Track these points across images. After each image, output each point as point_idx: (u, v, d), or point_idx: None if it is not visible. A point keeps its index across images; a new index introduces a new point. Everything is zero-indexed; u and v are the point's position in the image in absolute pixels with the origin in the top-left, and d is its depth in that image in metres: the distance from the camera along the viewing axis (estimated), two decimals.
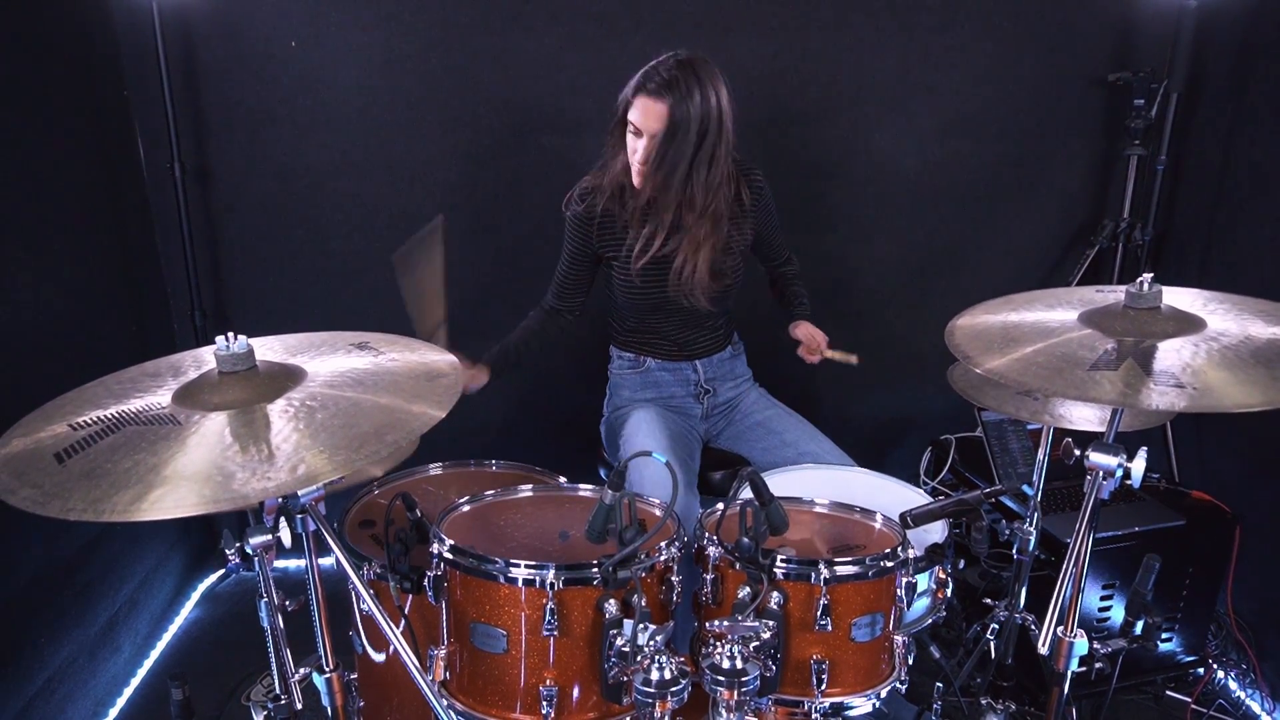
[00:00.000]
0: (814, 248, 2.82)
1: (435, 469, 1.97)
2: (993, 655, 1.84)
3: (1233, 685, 2.39)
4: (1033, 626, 1.75)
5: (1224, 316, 1.33)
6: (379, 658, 1.61)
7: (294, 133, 2.55)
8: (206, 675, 2.38)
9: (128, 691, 2.38)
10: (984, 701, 1.85)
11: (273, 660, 1.31)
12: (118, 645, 2.36)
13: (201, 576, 2.90)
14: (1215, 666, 2.39)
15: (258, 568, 1.24)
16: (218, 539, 1.27)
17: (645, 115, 1.89)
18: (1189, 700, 2.30)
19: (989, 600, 1.90)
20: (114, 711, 2.30)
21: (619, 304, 2.18)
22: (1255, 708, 2.32)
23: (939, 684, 1.77)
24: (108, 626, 2.32)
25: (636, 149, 1.94)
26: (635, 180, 1.98)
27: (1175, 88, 2.57)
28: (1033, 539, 1.76)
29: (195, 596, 2.84)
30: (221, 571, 2.93)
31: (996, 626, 1.83)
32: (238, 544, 1.21)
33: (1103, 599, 2.23)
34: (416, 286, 1.87)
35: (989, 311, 1.50)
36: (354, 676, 1.42)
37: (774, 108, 2.64)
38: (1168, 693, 2.33)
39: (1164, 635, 2.31)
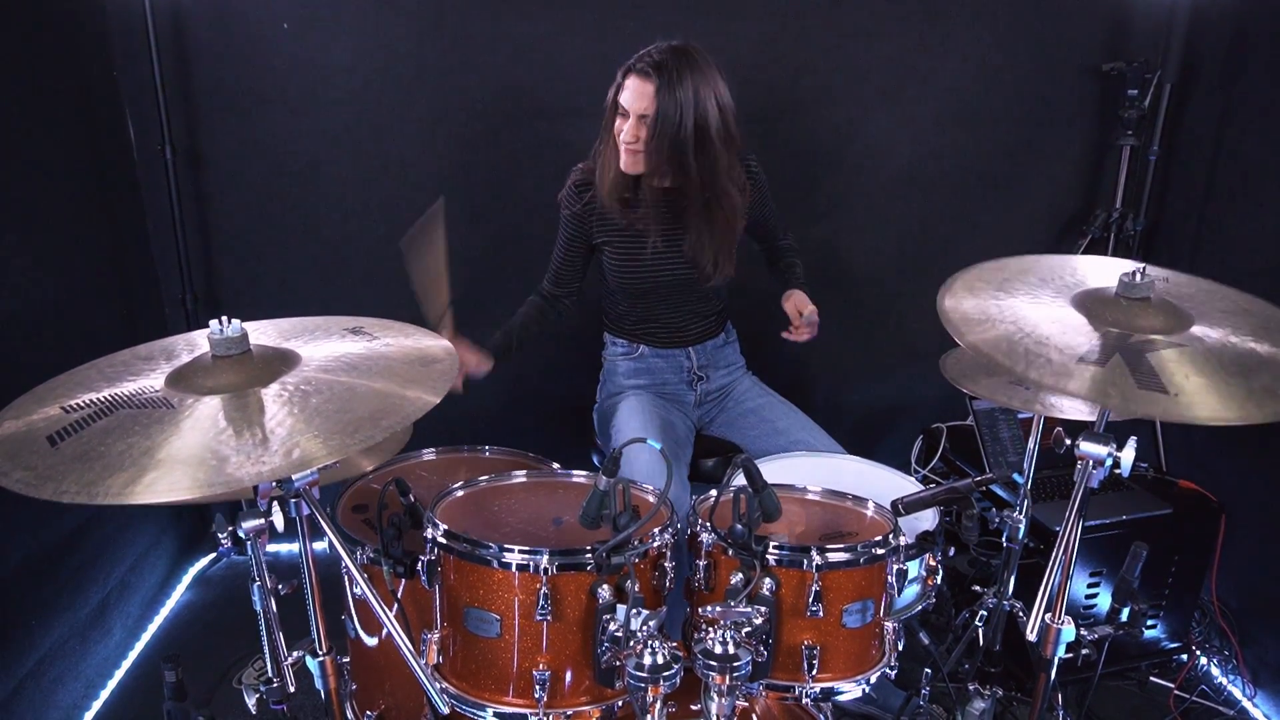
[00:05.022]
0: (806, 236, 2.81)
1: (429, 454, 1.97)
2: (981, 642, 1.86)
3: (1215, 671, 2.42)
4: (1021, 613, 1.77)
5: (1211, 311, 1.33)
6: (372, 642, 1.61)
7: (286, 115, 2.52)
8: (198, 658, 2.38)
9: (118, 674, 2.38)
10: (971, 687, 1.87)
11: (265, 643, 1.31)
12: (109, 628, 2.36)
13: (193, 560, 2.89)
14: (1198, 653, 2.42)
15: (250, 551, 1.23)
16: (210, 522, 1.26)
17: (632, 95, 1.90)
18: (1172, 686, 2.33)
19: (978, 587, 1.91)
20: (104, 694, 2.30)
21: (613, 289, 2.18)
22: (1236, 693, 2.35)
23: (927, 670, 1.78)
24: (99, 609, 2.31)
25: (623, 129, 1.94)
26: (623, 164, 1.98)
27: (1169, 78, 2.57)
28: (1022, 527, 1.77)
29: (187, 580, 2.83)
30: (213, 555, 2.92)
31: (985, 613, 1.85)
32: (230, 528, 1.21)
33: (1090, 586, 2.25)
34: (423, 271, 1.83)
35: (982, 279, 1.48)
36: (346, 660, 1.43)
37: (768, 95, 2.63)
38: (1151, 679, 2.36)
39: (1149, 622, 2.34)
